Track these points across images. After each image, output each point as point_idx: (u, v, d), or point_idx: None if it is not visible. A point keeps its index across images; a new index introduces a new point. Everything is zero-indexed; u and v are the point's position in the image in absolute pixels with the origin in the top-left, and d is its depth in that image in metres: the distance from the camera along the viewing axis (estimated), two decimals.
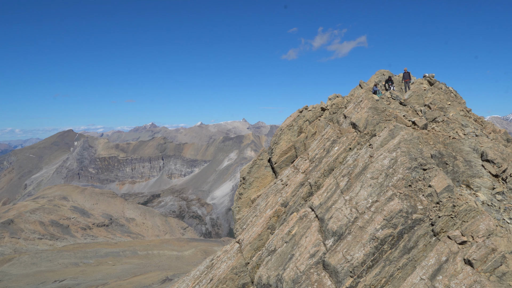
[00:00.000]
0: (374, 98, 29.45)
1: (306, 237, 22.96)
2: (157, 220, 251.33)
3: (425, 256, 18.88)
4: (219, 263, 29.49)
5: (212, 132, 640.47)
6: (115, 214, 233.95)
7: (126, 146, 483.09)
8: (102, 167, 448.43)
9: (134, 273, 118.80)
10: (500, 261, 16.92)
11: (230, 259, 28.16)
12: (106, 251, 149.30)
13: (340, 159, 26.71)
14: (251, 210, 31.64)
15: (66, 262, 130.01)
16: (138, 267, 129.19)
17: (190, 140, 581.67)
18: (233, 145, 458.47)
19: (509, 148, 28.97)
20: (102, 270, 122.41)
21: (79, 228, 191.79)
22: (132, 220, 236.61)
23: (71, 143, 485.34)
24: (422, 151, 23.43)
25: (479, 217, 18.77)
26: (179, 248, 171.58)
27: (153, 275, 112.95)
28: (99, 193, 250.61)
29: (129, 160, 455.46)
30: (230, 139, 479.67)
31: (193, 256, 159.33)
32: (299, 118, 34.76)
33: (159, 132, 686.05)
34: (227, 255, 29.32)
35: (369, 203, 21.30)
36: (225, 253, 30.24)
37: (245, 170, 35.46)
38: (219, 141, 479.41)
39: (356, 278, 19.25)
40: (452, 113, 29.84)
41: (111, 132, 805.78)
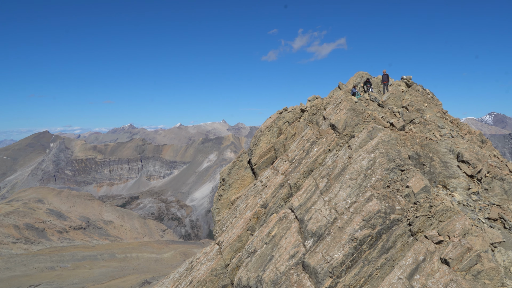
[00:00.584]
0: (353, 100, 29.72)
1: (285, 238, 22.98)
2: (135, 223, 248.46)
3: (403, 255, 19.11)
4: (199, 265, 29.30)
5: (191, 133, 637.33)
6: (93, 216, 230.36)
7: (104, 147, 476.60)
8: (79, 169, 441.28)
9: (112, 276, 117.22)
10: (475, 260, 17.23)
11: (209, 261, 28.01)
12: (83, 255, 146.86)
13: (319, 160, 26.85)
14: (230, 211, 31.54)
15: (41, 266, 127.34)
16: (116, 270, 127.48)
17: (169, 141, 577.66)
18: (213, 146, 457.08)
19: (484, 149, 29.61)
20: (79, 274, 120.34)
21: (55, 232, 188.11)
22: (110, 223, 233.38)
23: (47, 144, 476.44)
24: (400, 152, 23.73)
25: (455, 217, 19.09)
26: (158, 250, 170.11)
27: (131, 278, 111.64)
28: (76, 196, 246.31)
29: (107, 161, 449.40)
30: (210, 141, 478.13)
31: (172, 259, 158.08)
32: (279, 119, 34.84)
33: (138, 133, 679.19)
34: (206, 257, 29.16)
35: (348, 203, 21.45)
36: (205, 255, 30.07)
37: (225, 172, 35.35)
38: (199, 143, 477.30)
39: (336, 279, 19.35)
40: (429, 115, 30.33)
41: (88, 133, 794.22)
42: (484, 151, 28.55)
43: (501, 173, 25.50)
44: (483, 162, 25.52)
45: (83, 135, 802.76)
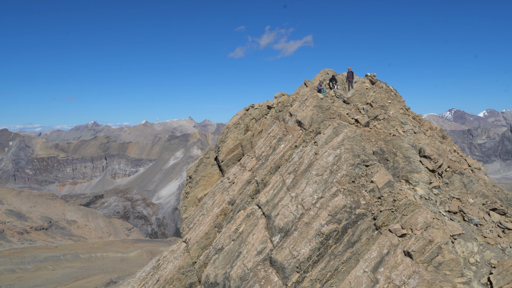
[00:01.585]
0: (319, 97, 30.02)
1: (253, 234, 23.04)
2: (100, 222, 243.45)
3: (368, 249, 19.49)
4: (166, 263, 29.00)
5: (157, 130, 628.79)
6: (55, 216, 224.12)
7: (67, 145, 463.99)
8: (41, 167, 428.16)
9: (76, 277, 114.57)
10: (436, 251, 17.77)
11: (176, 259, 27.77)
12: (46, 256, 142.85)
13: (286, 156, 27.01)
14: (198, 209, 31.35)
15: (1, 269, 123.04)
16: (81, 271, 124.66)
17: (135, 139, 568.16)
18: (179, 143, 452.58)
19: (444, 144, 30.53)
20: (41, 275, 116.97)
21: (15, 233, 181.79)
22: (74, 223, 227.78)
23: (6, 143, 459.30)
24: (365, 148, 24.16)
25: (418, 211, 19.62)
26: (124, 249, 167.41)
27: (96, 279, 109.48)
28: (37, 195, 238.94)
29: (69, 160, 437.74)
30: (176, 138, 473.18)
31: (138, 257, 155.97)
32: (246, 116, 34.83)
33: (102, 131, 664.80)
34: (173, 255, 28.89)
35: (315, 199, 21.69)
36: (172, 253, 29.78)
37: (192, 169, 35.08)
38: (165, 140, 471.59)
39: (303, 273, 19.55)
40: (393, 111, 31.01)
41: (50, 131, 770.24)
42: (445, 147, 29.45)
43: (460, 167, 26.37)
44: (443, 157, 26.31)
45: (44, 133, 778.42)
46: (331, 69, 38.33)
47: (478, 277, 18.03)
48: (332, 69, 38.47)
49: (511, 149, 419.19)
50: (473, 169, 27.53)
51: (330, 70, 38.26)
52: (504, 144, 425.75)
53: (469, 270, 18.42)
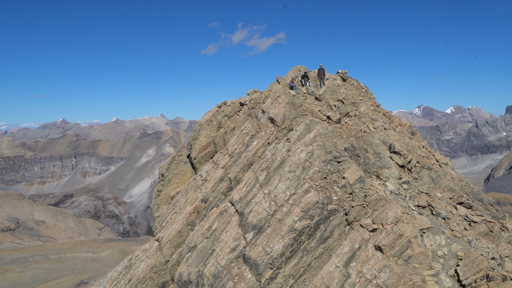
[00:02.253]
0: (291, 94, 30.17)
1: (226, 232, 23.01)
2: (70, 222, 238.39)
3: (340, 244, 19.75)
4: (138, 262, 28.66)
5: (128, 128, 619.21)
6: (23, 217, 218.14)
7: (34, 144, 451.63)
8: (7, 167, 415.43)
9: (45, 278, 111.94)
10: (406, 245, 18.16)
11: (149, 258, 27.48)
12: (13, 257, 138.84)
13: (259, 153, 27.05)
14: (170, 207, 31.09)
15: None
16: (50, 272, 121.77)
17: (105, 136, 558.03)
18: (151, 141, 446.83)
19: (413, 140, 31.19)
20: (8, 278, 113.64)
21: None
22: (42, 223, 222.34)
23: None
24: (336, 145, 24.44)
25: (388, 206, 20.01)
26: (95, 249, 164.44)
27: (66, 280, 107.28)
28: (3, 195, 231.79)
29: (37, 159, 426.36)
30: (148, 135, 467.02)
31: (110, 257, 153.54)
32: (218, 113, 34.69)
33: (71, 128, 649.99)
34: (146, 254, 28.57)
35: (287, 196, 21.82)
36: (144, 252, 29.44)
37: (164, 167, 34.73)
38: (136, 138, 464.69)
39: (276, 270, 19.65)
40: (363, 108, 31.46)
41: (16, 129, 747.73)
42: (414, 142, 30.09)
43: (429, 163, 27.00)
44: (413, 153, 26.88)
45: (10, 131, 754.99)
46: (303, 66, 38.58)
47: (446, 269, 18.54)
48: (304, 66, 38.72)
49: (477, 144, 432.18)
50: (441, 164, 28.24)
51: (302, 67, 38.50)
52: (470, 140, 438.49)
53: (437, 262, 18.92)
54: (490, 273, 17.30)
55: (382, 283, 17.04)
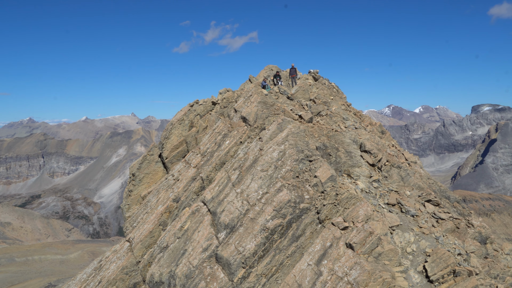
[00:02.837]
0: (263, 93, 30.23)
1: (198, 231, 22.88)
2: (37, 223, 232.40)
3: (312, 243, 19.93)
4: (108, 263, 28.18)
5: (98, 127, 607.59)
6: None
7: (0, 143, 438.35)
8: None
9: (11, 282, 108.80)
10: (376, 243, 18.48)
11: (120, 259, 27.06)
12: None
13: (231, 152, 27.00)
14: (141, 207, 30.69)
15: None
16: (16, 276, 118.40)
17: (74, 136, 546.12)
18: (122, 140, 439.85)
19: (383, 139, 31.75)
20: None
21: None
22: (8, 225, 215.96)
23: None
24: (308, 144, 24.62)
25: (359, 204, 20.30)
26: (63, 251, 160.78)
27: (33, 283, 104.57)
28: None
29: (2, 159, 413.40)
30: (119, 135, 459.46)
31: (79, 259, 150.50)
32: (190, 112, 34.44)
33: (38, 127, 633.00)
34: (116, 255, 28.12)
35: (260, 195, 21.86)
36: (115, 253, 28.98)
37: (135, 166, 34.24)
38: (107, 137, 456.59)
39: (248, 269, 19.67)
40: (335, 107, 31.81)
41: None
42: (384, 141, 30.64)
43: (398, 161, 27.55)
44: (382, 152, 27.36)
45: None
46: (275, 66, 38.69)
47: (415, 266, 18.96)
48: (276, 66, 38.84)
49: (444, 143, 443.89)
50: (410, 163, 28.86)
51: (274, 66, 38.61)
52: (438, 139, 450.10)
53: (406, 259, 19.32)
54: (456, 269, 17.79)
55: (353, 280, 17.28)
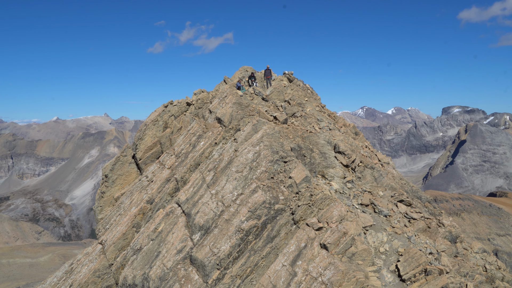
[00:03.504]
0: (238, 94, 30.20)
1: (173, 233, 22.67)
2: (6, 226, 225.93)
3: (287, 243, 19.99)
4: (80, 267, 27.61)
5: (70, 127, 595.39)
6: None
7: None
8: None
9: None
10: (350, 243, 18.67)
11: (92, 261, 26.55)
12: None
13: (206, 153, 26.87)
14: (114, 209, 30.21)
15: None
16: None
17: (45, 136, 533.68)
18: (94, 141, 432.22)
19: (357, 140, 32.13)
20: None
21: None
22: None
23: None
24: (283, 145, 24.71)
25: (333, 204, 20.47)
26: (33, 254, 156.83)
27: (2, 287, 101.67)
28: None
29: None
30: (91, 135, 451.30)
31: (50, 262, 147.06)
32: (164, 113, 34.11)
33: (7, 128, 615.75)
34: (88, 257, 27.58)
35: (235, 196, 21.81)
36: (87, 255, 28.42)
37: (108, 167, 33.68)
38: (79, 137, 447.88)
39: (223, 270, 19.59)
40: (309, 109, 32.03)
41: None
42: (357, 142, 31.01)
43: (371, 162, 27.92)
44: (356, 153, 27.69)
45: None
46: (250, 67, 38.71)
47: (387, 265, 19.23)
48: (251, 67, 38.86)
49: (416, 144, 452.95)
50: (383, 164, 29.30)
51: (249, 67, 38.63)
52: (410, 140, 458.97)
53: (379, 258, 19.58)
54: (428, 268, 18.13)
55: (327, 280, 17.41)
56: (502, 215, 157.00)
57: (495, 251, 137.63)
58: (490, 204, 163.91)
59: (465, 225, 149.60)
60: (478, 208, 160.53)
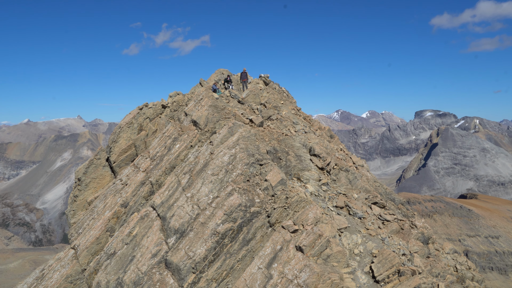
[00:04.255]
0: (214, 96, 30.13)
1: (147, 237, 22.42)
2: None
3: (262, 246, 20.02)
4: (52, 272, 27.00)
5: (42, 130, 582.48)
6: None
7: None
8: None
9: None
10: (325, 245, 18.83)
11: (64, 267, 26.01)
12: None
13: (181, 156, 26.70)
14: (87, 213, 29.69)
15: None
16: None
17: (15, 139, 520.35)
18: (67, 144, 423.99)
19: (332, 143, 32.46)
20: None
21: None
22: None
23: None
24: (259, 148, 24.77)
25: (308, 207, 20.61)
26: (2, 261, 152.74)
27: None
28: None
29: None
30: (64, 138, 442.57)
31: (20, 268, 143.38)
32: (139, 115, 33.74)
33: None
34: (60, 263, 27.01)
35: (210, 199, 21.73)
36: (58, 261, 27.82)
37: (81, 171, 33.08)
38: (51, 140, 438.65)
39: (199, 274, 19.48)
40: (285, 112, 32.21)
41: None
42: (332, 145, 31.33)
43: (346, 165, 28.25)
44: (331, 155, 27.98)
45: None
46: (226, 70, 38.68)
47: (362, 267, 19.47)
48: (227, 70, 38.83)
49: (390, 147, 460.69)
50: (357, 166, 29.68)
51: (225, 70, 38.59)
52: (384, 143, 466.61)
53: (354, 260, 19.81)
54: (401, 269, 18.44)
55: (302, 282, 17.51)
56: (472, 216, 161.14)
57: (465, 251, 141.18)
58: (461, 206, 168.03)
59: (437, 226, 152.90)
60: (449, 209, 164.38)
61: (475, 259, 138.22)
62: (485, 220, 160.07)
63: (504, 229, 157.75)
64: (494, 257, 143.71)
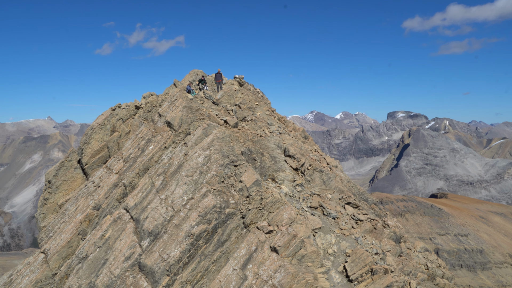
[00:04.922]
0: (188, 97, 29.95)
1: (121, 240, 22.10)
2: None
3: (237, 247, 20.00)
4: (20, 278, 26.29)
5: (10, 131, 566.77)
6: None
7: None
8: None
9: None
10: (300, 245, 18.95)
11: (33, 272, 25.36)
12: None
13: (155, 158, 26.43)
14: (58, 216, 29.05)
15: None
16: None
17: None
18: (37, 145, 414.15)
19: (306, 144, 32.69)
20: None
21: None
22: None
23: None
24: (234, 149, 24.75)
25: (283, 208, 20.71)
26: None
27: None
28: None
29: None
30: (33, 139, 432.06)
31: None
32: (112, 116, 33.22)
33: None
34: (30, 268, 26.33)
35: (185, 200, 21.59)
36: (28, 266, 27.11)
37: (51, 173, 32.35)
38: (20, 142, 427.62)
39: (173, 276, 19.32)
40: (260, 113, 32.27)
41: None
42: (307, 146, 31.55)
43: (320, 165, 28.50)
44: (306, 156, 28.18)
45: None
46: (200, 70, 38.49)
47: (336, 266, 19.68)
48: (201, 70, 38.64)
49: (363, 148, 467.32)
50: (331, 167, 29.99)
51: (199, 71, 38.39)
52: (357, 144, 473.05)
53: (328, 260, 20.00)
54: (374, 267, 18.72)
55: (277, 283, 17.56)
56: (443, 215, 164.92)
57: (436, 249, 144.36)
58: (431, 205, 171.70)
59: (409, 225, 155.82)
60: (420, 209, 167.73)
61: (445, 257, 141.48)
62: (455, 218, 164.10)
63: (473, 228, 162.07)
64: (463, 255, 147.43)
